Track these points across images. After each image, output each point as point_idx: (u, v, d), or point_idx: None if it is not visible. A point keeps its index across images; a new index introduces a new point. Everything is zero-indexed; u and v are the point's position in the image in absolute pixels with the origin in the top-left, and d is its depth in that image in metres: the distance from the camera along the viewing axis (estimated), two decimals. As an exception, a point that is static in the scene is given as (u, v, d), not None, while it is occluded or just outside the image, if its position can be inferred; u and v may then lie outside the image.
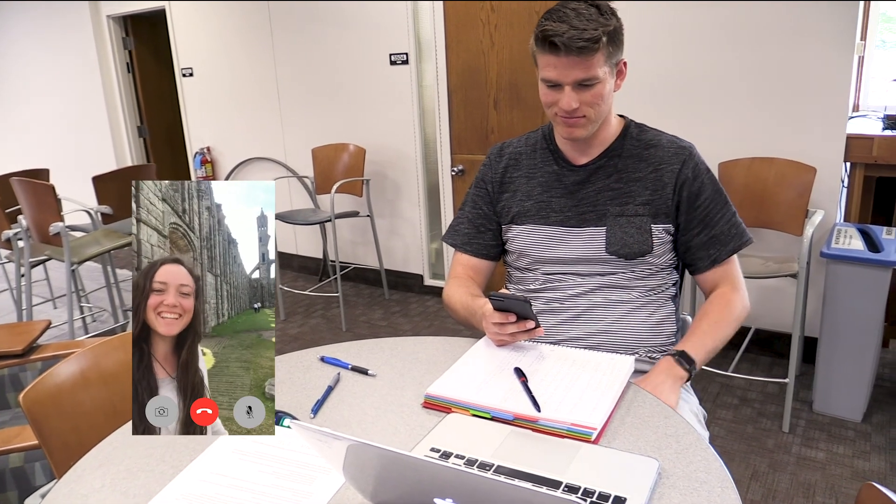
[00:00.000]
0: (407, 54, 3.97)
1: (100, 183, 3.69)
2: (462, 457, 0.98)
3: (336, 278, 4.10)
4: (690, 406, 1.37)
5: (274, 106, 4.72)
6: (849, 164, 2.92)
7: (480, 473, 0.72)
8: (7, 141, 6.79)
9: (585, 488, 0.88)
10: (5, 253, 4.58)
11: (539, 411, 1.07)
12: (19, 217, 3.58)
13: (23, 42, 6.19)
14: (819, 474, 2.34)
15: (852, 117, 3.06)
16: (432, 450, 1.01)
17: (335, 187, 3.93)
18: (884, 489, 0.73)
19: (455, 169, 3.98)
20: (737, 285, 1.47)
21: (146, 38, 5.76)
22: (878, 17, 3.63)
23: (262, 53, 4.64)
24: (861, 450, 2.45)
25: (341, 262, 4.61)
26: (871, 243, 2.51)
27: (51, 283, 4.65)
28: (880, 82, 3.68)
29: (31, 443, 1.59)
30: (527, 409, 1.08)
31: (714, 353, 1.38)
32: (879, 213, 3.19)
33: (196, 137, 5.30)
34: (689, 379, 1.31)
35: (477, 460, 0.97)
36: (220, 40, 4.87)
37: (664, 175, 1.45)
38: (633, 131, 1.50)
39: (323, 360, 1.38)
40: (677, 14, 3.02)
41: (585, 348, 1.35)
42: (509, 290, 1.59)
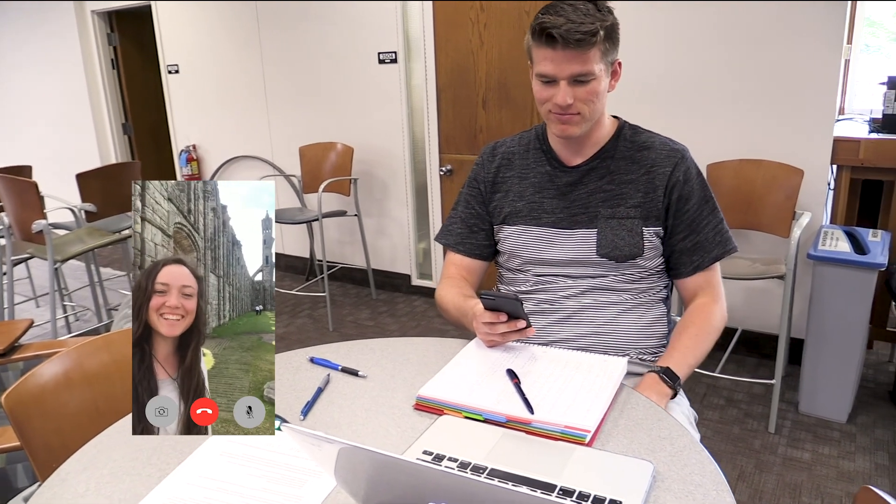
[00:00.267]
0: (395, 53, 3.95)
1: (84, 180, 3.64)
2: (455, 460, 0.97)
3: (323, 278, 4.08)
4: (682, 408, 1.37)
5: (261, 104, 4.68)
6: (835, 166, 2.94)
7: (475, 477, 0.71)
8: (-11, 137, 6.71)
9: (580, 492, 0.88)
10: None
11: (532, 413, 1.06)
12: (1, 214, 3.53)
13: (5, 38, 6.10)
14: (805, 475, 2.35)
15: (838, 120, 3.08)
16: (425, 452, 0.99)
17: (322, 186, 3.91)
18: (881, 492, 0.73)
19: (443, 169, 3.97)
20: (716, 296, 1.46)
21: (131, 34, 5.69)
22: (862, 20, 3.66)
23: (250, 50, 4.60)
24: (846, 450, 2.46)
25: (328, 262, 4.58)
26: (858, 245, 2.53)
27: (33, 281, 4.59)
28: (864, 86, 3.71)
29: (12, 444, 1.56)
30: (520, 412, 1.07)
31: (696, 367, 1.38)
32: (864, 215, 3.22)
33: (182, 135, 5.25)
34: (674, 396, 1.31)
35: (470, 463, 0.95)
36: (206, 37, 4.83)
37: (656, 177, 1.44)
38: (627, 133, 1.50)
39: (312, 360, 1.36)
40: (666, 16, 3.03)
41: (576, 350, 1.35)
42: (500, 290, 1.58)
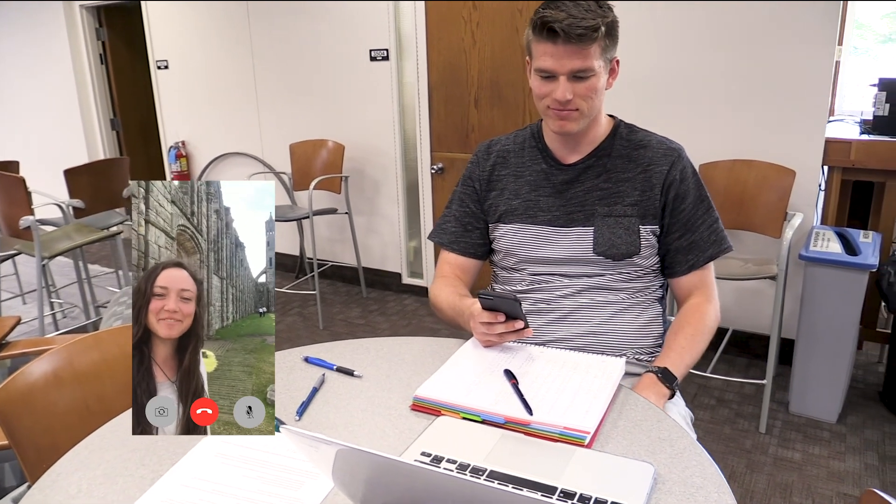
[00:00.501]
0: (387, 50, 3.93)
1: (71, 176, 3.60)
2: (454, 461, 0.96)
3: (313, 276, 4.05)
4: (678, 408, 1.37)
5: (251, 100, 4.65)
6: (826, 167, 2.95)
7: (475, 480, 0.70)
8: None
9: (581, 494, 0.87)
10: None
11: (531, 414, 1.05)
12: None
13: (-9, 31, 6.03)
14: (796, 475, 2.36)
15: (829, 122, 3.09)
16: (423, 454, 0.98)
17: (313, 184, 3.88)
18: (885, 495, 0.73)
19: (434, 167, 3.95)
20: (710, 296, 1.46)
21: (120, 29, 5.63)
22: (851, 22, 3.68)
23: (240, 46, 4.57)
24: (836, 451, 2.48)
25: (318, 260, 4.56)
26: (849, 246, 2.54)
27: (20, 278, 4.53)
28: (853, 87, 3.73)
29: (0, 444, 1.54)
30: (518, 413, 1.06)
31: (692, 367, 1.38)
32: (853, 216, 3.24)
33: (171, 131, 5.20)
34: (672, 396, 1.30)
35: (469, 465, 0.94)
36: (196, 32, 4.79)
37: (653, 176, 1.44)
38: (623, 131, 1.49)
39: (307, 360, 1.35)
40: (659, 16, 3.03)
41: (572, 350, 1.34)
42: (495, 289, 1.57)
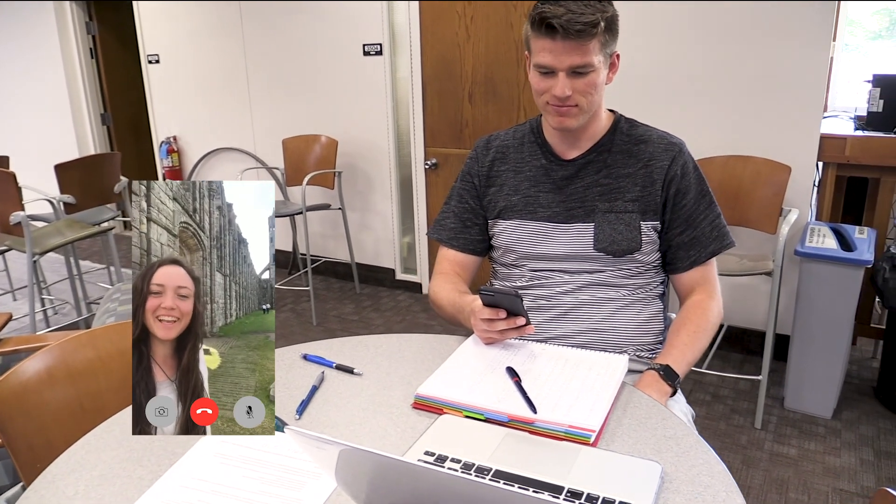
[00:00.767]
0: (381, 45, 3.91)
1: (62, 171, 3.56)
2: (458, 461, 0.94)
3: (307, 272, 4.03)
4: (680, 406, 1.36)
5: (243, 95, 4.61)
6: (821, 163, 2.95)
7: (481, 480, 0.68)
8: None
9: (588, 494, 0.86)
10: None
11: (535, 413, 1.04)
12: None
13: (-21, 24, 5.96)
14: (791, 470, 2.36)
15: (824, 118, 3.09)
16: (427, 453, 0.97)
17: (306, 179, 3.86)
18: (897, 495, 0.72)
19: (428, 162, 3.93)
20: (713, 292, 1.45)
21: (110, 23, 5.57)
22: (844, 19, 3.68)
23: (232, 41, 4.53)
24: (832, 446, 2.48)
25: (312, 256, 4.53)
26: (844, 242, 2.54)
27: (11, 274, 4.50)
28: (845, 83, 3.74)
29: (-7, 443, 1.52)
30: (522, 411, 1.05)
31: (693, 364, 1.37)
32: (848, 212, 3.25)
33: (162, 126, 5.15)
34: (674, 394, 1.29)
35: (474, 464, 0.93)
36: (187, 26, 4.74)
37: (654, 171, 1.43)
38: (623, 126, 1.48)
39: (306, 357, 1.33)
40: (655, 13, 3.02)
41: (573, 346, 1.33)
42: (494, 285, 1.56)
